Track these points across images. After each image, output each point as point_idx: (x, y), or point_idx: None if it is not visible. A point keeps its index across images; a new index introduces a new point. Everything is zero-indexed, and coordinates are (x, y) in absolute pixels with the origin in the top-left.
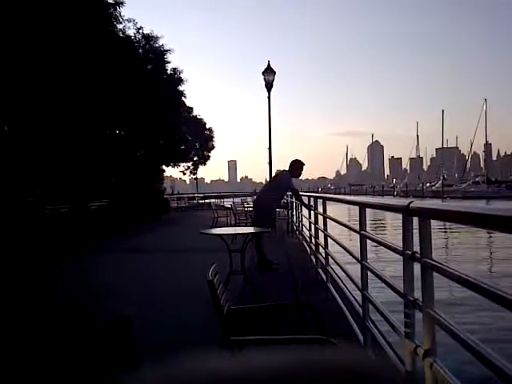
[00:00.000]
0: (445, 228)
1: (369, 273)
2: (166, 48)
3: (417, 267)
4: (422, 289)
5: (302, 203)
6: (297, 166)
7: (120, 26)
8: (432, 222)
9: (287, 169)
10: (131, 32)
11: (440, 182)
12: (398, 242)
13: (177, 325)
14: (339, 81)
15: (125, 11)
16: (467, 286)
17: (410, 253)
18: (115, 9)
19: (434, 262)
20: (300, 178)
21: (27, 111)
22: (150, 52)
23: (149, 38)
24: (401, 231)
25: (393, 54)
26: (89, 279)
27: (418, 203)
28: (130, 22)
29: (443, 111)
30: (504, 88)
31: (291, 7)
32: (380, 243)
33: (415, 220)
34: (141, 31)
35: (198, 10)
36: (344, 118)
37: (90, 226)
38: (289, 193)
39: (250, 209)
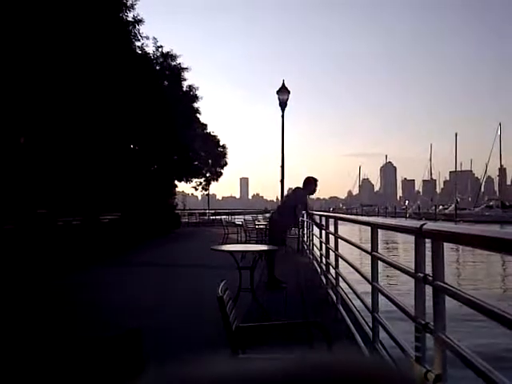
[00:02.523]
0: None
1: (379, 294)
2: (183, 66)
3: (428, 290)
4: (434, 312)
5: (314, 222)
6: (310, 182)
7: (138, 44)
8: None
9: (301, 186)
10: (150, 49)
11: (453, 205)
12: (410, 264)
13: (185, 340)
14: (353, 101)
15: (144, 28)
16: (480, 310)
17: (421, 275)
18: (134, 26)
19: (446, 286)
20: (312, 197)
21: (43, 124)
22: (166, 69)
23: (167, 56)
24: (412, 253)
25: (407, 76)
26: (98, 292)
27: (431, 225)
28: (148, 39)
29: (456, 134)
30: None
31: (306, 25)
32: (392, 265)
33: (428, 242)
34: (160, 49)
35: (216, 25)
36: (357, 138)
37: (101, 239)
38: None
39: (262, 226)
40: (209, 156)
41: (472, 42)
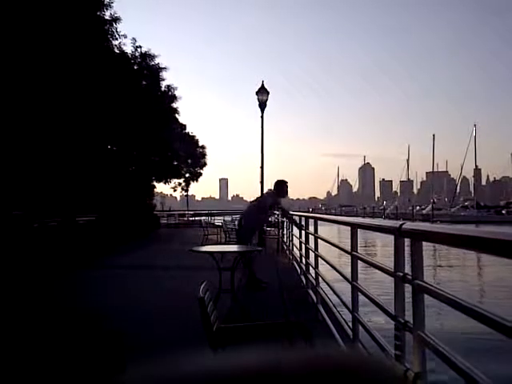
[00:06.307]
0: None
1: (359, 294)
2: (162, 66)
3: (408, 289)
4: (413, 311)
5: (293, 222)
6: (281, 186)
7: (116, 42)
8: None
9: (273, 189)
10: (129, 49)
11: (430, 205)
12: (389, 263)
13: (165, 342)
14: (332, 102)
15: (122, 27)
16: (458, 308)
17: (401, 274)
18: (111, 25)
19: (425, 284)
20: (291, 197)
21: (17, 122)
22: (145, 69)
23: (145, 56)
24: (390, 253)
25: (385, 77)
26: (77, 295)
27: (410, 225)
28: (126, 37)
29: (434, 135)
30: (494, 114)
31: (286, 27)
32: (371, 264)
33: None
34: (139, 49)
35: (195, 26)
36: (336, 139)
37: (79, 241)
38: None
39: None
40: (188, 156)
41: (449, 43)
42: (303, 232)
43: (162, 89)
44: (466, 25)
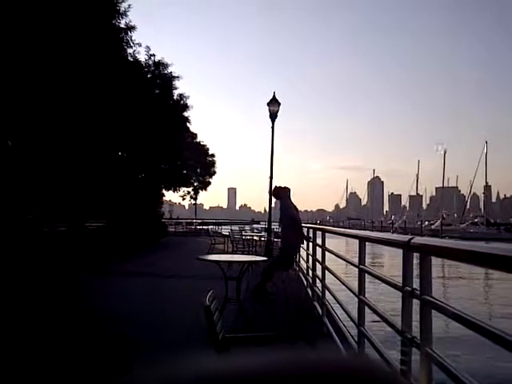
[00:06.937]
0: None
1: (366, 307)
2: (175, 74)
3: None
4: (421, 326)
5: (302, 234)
6: (281, 190)
7: (130, 51)
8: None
9: (278, 198)
10: (142, 57)
11: (439, 220)
12: (397, 278)
13: (170, 350)
14: (342, 115)
15: (136, 36)
16: (467, 325)
17: (409, 289)
18: (126, 33)
19: (433, 300)
20: (299, 209)
21: (31, 127)
22: (158, 77)
23: (159, 65)
24: (397, 267)
25: (396, 92)
26: (85, 301)
27: (419, 239)
28: (140, 46)
29: (445, 151)
30: (505, 131)
31: (298, 39)
32: (379, 278)
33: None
34: (152, 58)
35: (207, 35)
36: (345, 152)
37: (87, 247)
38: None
39: (248, 237)
40: (197, 165)
41: (460, 59)
42: (310, 244)
43: (175, 97)
44: (478, 38)
